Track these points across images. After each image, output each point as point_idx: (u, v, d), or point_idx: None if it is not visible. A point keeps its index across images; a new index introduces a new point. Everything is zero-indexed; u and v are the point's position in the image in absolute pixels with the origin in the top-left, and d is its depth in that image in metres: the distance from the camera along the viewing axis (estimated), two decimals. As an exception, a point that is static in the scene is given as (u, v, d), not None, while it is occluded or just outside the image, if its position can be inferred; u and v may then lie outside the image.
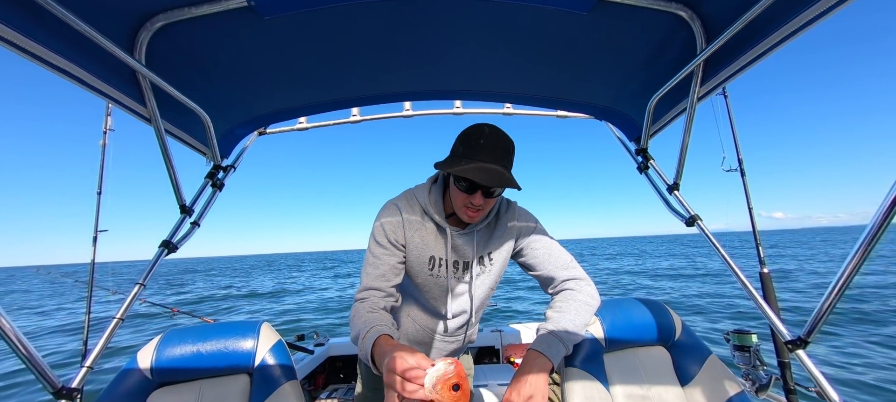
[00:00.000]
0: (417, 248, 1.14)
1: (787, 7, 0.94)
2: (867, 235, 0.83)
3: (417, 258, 1.14)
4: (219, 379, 1.35)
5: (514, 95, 1.74)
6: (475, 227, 1.17)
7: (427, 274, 1.17)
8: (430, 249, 1.14)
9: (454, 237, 1.15)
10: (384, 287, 1.09)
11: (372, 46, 1.33)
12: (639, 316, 1.40)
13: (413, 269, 1.16)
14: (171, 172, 1.39)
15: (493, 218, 1.23)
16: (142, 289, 1.29)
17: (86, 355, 1.10)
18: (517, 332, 3.07)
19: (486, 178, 0.95)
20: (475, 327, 1.42)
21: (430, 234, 1.15)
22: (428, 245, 1.14)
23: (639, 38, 1.27)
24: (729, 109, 2.40)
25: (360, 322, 0.92)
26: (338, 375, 2.87)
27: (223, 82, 1.41)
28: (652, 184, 1.65)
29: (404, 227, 1.13)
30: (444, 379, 0.63)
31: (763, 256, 2.15)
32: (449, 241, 1.14)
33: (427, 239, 1.14)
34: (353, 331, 0.96)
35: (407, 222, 1.13)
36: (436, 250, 1.15)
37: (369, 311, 1.01)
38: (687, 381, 1.33)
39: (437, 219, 1.14)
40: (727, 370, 1.31)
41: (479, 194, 1.01)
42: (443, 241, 1.15)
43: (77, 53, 1.00)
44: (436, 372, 0.63)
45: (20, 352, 0.88)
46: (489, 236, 1.22)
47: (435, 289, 1.20)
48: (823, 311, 0.94)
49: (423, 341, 1.30)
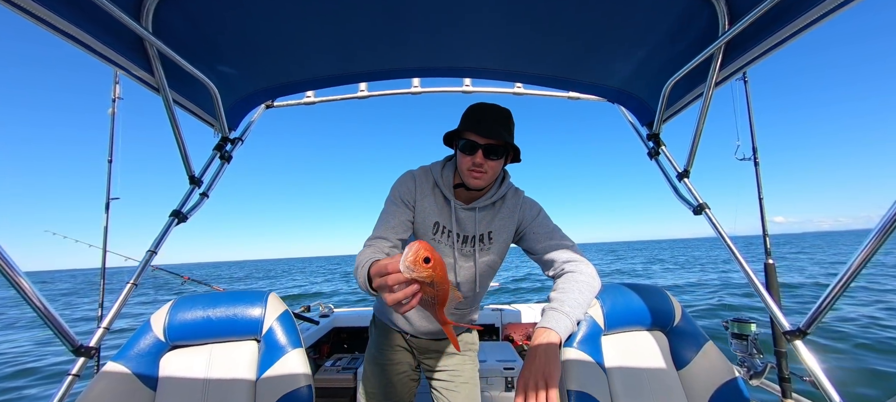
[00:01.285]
0: (424, 211, 1.25)
1: None
2: (874, 235, 0.82)
3: (422, 222, 1.26)
4: (228, 344, 1.41)
5: (525, 73, 1.70)
6: (478, 203, 1.25)
7: (430, 239, 1.26)
8: (436, 216, 1.25)
9: (458, 210, 1.25)
10: (391, 238, 1.17)
11: (381, 21, 1.29)
12: (639, 301, 1.42)
13: (419, 231, 1.27)
14: (180, 142, 1.40)
15: (499, 200, 1.28)
16: (153, 255, 1.33)
17: (102, 317, 1.15)
18: (517, 312, 3.13)
19: (485, 131, 1.08)
20: (477, 306, 1.47)
21: (437, 203, 1.26)
22: (433, 212, 1.25)
23: (658, 17, 1.22)
24: (747, 95, 2.32)
25: (363, 259, 0.98)
26: (342, 345, 2.98)
27: (231, 53, 1.40)
28: (662, 170, 1.63)
29: (416, 191, 1.25)
30: (415, 256, 0.68)
31: (769, 247, 2.14)
32: (453, 213, 1.24)
33: (433, 206, 1.25)
34: (356, 266, 1.01)
35: (419, 187, 1.25)
36: (440, 218, 1.26)
37: (373, 252, 1.07)
38: (682, 365, 1.35)
39: (444, 191, 1.24)
40: (723, 356, 1.34)
41: (480, 154, 1.10)
42: (448, 211, 1.25)
43: (84, 20, 0.99)
44: (406, 255, 0.69)
45: (42, 313, 0.92)
46: (493, 217, 1.29)
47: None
48: (824, 305, 0.95)
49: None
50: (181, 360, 1.35)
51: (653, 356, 1.37)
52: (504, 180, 1.30)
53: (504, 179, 1.30)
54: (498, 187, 1.27)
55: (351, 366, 2.54)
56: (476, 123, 1.10)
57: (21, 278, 0.85)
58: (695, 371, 1.32)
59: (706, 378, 1.30)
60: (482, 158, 1.11)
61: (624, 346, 1.37)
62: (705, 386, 1.29)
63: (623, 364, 1.33)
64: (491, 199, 1.24)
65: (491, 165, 1.14)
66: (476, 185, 1.17)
